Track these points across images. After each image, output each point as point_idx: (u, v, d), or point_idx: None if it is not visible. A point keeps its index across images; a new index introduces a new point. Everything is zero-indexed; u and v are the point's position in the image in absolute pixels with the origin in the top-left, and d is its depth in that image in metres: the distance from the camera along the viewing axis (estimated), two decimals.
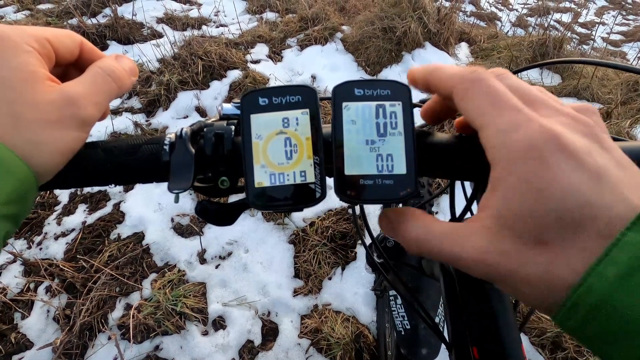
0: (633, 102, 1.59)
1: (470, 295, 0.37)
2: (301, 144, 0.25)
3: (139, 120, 1.94)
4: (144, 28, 2.60)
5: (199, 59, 2.07)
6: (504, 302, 0.36)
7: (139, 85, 2.11)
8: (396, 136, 0.25)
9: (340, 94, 0.26)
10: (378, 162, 0.25)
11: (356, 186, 0.25)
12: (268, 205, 0.25)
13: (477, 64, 2.11)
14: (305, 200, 0.25)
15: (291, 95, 0.26)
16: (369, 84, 0.26)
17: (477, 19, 3.21)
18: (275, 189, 0.25)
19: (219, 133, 0.27)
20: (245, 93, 0.26)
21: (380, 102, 0.26)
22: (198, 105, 1.97)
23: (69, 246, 1.43)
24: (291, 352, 1.14)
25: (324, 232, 1.41)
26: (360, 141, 0.25)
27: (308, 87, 0.26)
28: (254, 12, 2.88)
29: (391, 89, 0.26)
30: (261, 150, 0.25)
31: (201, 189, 0.29)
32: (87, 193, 1.63)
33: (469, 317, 0.37)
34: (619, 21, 3.92)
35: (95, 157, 0.27)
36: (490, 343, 0.35)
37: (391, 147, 0.25)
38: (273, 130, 0.25)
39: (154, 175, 0.28)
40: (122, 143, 0.28)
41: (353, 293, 1.25)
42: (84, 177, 0.28)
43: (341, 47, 2.34)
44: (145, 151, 0.28)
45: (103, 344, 1.15)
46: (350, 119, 0.25)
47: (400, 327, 0.67)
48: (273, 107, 0.26)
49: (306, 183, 0.25)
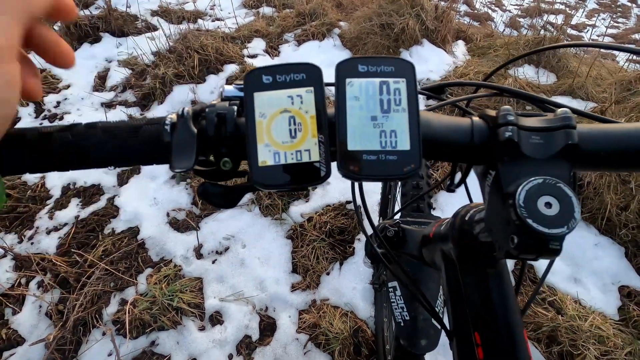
0: (627, 101, 1.61)
1: (472, 281, 0.37)
2: (305, 123, 0.25)
3: (133, 113, 1.91)
4: (138, 20, 2.56)
5: (195, 52, 2.05)
6: (505, 287, 0.36)
7: (133, 78, 2.08)
8: (400, 113, 0.25)
9: (344, 70, 0.26)
10: (382, 138, 0.25)
11: (359, 162, 0.24)
12: (272, 185, 0.24)
13: (474, 62, 2.12)
14: (310, 179, 0.24)
15: (295, 73, 0.25)
16: (372, 60, 0.26)
17: (471, 19, 3.23)
18: (279, 168, 0.24)
19: (221, 113, 0.26)
20: (249, 71, 0.26)
21: (384, 79, 0.25)
22: (194, 99, 1.95)
23: (61, 240, 1.40)
24: (289, 347, 1.14)
25: (322, 227, 1.40)
26: (363, 117, 0.25)
27: (312, 65, 0.26)
28: (251, 6, 2.85)
29: (395, 66, 0.26)
30: (265, 129, 0.25)
31: (203, 173, 0.28)
32: (80, 187, 1.60)
33: (471, 302, 0.36)
34: (609, 24, 3.99)
35: (95, 138, 0.27)
36: (492, 328, 0.35)
37: (395, 123, 0.25)
38: (277, 108, 0.25)
39: (155, 157, 0.27)
40: (122, 124, 0.27)
41: (351, 288, 1.25)
42: (83, 159, 0.27)
43: (339, 43, 2.34)
44: (146, 132, 0.27)
45: (97, 340, 1.13)
46: (353, 95, 0.25)
47: (399, 319, 0.67)
48: (277, 85, 0.25)
49: (311, 162, 0.24)
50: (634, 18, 4.47)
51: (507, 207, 0.24)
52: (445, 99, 0.38)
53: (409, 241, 0.56)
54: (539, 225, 0.22)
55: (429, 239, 0.46)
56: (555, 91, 1.92)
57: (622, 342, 1.10)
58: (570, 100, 1.84)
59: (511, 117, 0.26)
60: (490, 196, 0.28)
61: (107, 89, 2.08)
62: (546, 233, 0.22)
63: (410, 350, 0.63)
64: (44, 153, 0.26)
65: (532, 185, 0.23)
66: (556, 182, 0.23)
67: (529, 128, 0.26)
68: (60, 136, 0.26)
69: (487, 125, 0.28)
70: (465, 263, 0.37)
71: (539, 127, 0.26)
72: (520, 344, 0.33)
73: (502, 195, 0.25)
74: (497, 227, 0.27)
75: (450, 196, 1.49)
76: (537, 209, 0.23)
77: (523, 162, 0.26)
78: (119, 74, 2.13)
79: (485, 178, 0.28)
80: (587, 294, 1.24)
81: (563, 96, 1.87)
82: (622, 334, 1.14)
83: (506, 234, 0.25)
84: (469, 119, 0.28)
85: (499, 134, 0.26)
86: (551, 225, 0.22)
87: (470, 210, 0.36)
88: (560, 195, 0.23)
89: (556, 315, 1.16)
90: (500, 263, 0.36)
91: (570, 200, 0.23)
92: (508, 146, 0.26)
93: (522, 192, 0.23)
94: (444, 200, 1.49)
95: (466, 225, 0.35)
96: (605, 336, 1.10)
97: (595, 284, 1.27)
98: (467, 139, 0.27)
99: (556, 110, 0.27)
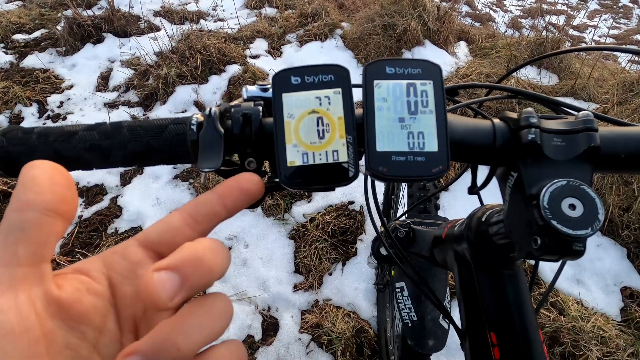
0: (629, 102, 1.62)
1: (487, 281, 0.37)
2: (333, 124, 0.25)
3: (136, 113, 1.92)
4: (141, 21, 2.57)
5: (198, 53, 2.05)
6: (521, 288, 0.36)
7: (136, 79, 2.08)
8: (427, 114, 0.25)
9: (372, 72, 0.26)
10: (409, 140, 0.25)
11: (388, 162, 0.24)
12: (301, 185, 0.25)
13: (476, 63, 2.13)
14: (338, 180, 0.25)
15: (324, 75, 0.25)
16: (400, 62, 0.26)
17: (472, 20, 3.23)
18: (308, 168, 0.25)
19: (247, 113, 0.27)
20: (277, 72, 0.26)
21: (411, 81, 0.26)
22: (197, 99, 1.95)
23: (65, 240, 1.40)
24: (292, 347, 1.14)
25: (325, 227, 1.40)
26: (391, 118, 0.25)
27: (340, 66, 0.26)
28: (253, 7, 2.85)
29: (422, 68, 0.26)
30: (293, 130, 0.25)
31: (226, 173, 0.28)
32: (83, 187, 1.60)
33: (486, 303, 0.37)
34: (610, 24, 3.99)
35: (120, 137, 0.27)
36: (509, 328, 0.35)
37: (422, 125, 0.25)
38: (305, 109, 0.25)
39: (179, 156, 0.28)
40: (147, 123, 0.28)
41: (354, 288, 1.26)
42: (107, 157, 0.27)
43: (341, 44, 2.34)
44: (172, 131, 0.27)
45: None
46: (381, 97, 0.25)
47: (407, 319, 0.67)
48: (305, 86, 0.25)
49: (339, 162, 0.25)
50: (635, 19, 4.46)
51: (530, 209, 0.24)
52: (459, 101, 0.38)
53: (419, 242, 0.57)
54: (564, 226, 0.23)
55: (441, 239, 0.46)
56: (557, 92, 1.92)
57: (624, 343, 1.10)
58: (572, 102, 1.84)
59: (534, 120, 0.27)
60: (512, 197, 0.28)
61: (109, 89, 2.09)
62: (571, 234, 0.22)
63: (418, 350, 0.63)
64: (68, 151, 0.26)
65: (556, 187, 0.24)
66: (580, 184, 0.24)
67: (551, 130, 0.27)
68: (85, 135, 0.26)
69: (508, 128, 0.28)
70: (480, 264, 0.37)
71: (561, 130, 0.27)
72: (537, 345, 0.34)
73: (524, 197, 0.26)
74: (518, 228, 0.27)
75: (453, 197, 1.50)
76: (561, 211, 0.23)
77: (545, 164, 0.26)
78: (122, 74, 2.13)
79: (506, 180, 0.29)
80: (590, 295, 1.24)
81: (565, 97, 1.87)
82: (625, 335, 1.14)
83: (528, 235, 0.25)
84: (490, 121, 0.29)
85: (521, 136, 0.26)
86: (576, 227, 0.23)
87: (486, 212, 0.36)
88: (584, 197, 0.23)
89: (558, 316, 1.16)
90: (516, 264, 0.36)
91: (594, 202, 0.23)
92: (531, 148, 0.26)
93: (546, 193, 0.24)
94: (446, 202, 1.49)
95: (482, 227, 0.35)
96: (607, 337, 1.11)
97: (598, 285, 1.28)
98: (489, 140, 0.28)
99: (578, 113, 0.28)
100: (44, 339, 0.15)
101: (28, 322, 0.14)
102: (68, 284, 0.16)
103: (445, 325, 0.64)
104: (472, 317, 0.38)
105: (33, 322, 0.15)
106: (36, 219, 0.15)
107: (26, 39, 2.41)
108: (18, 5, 2.76)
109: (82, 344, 0.16)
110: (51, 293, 0.16)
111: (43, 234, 0.15)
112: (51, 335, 0.15)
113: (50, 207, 0.16)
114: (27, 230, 0.15)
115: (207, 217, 0.19)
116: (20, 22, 2.51)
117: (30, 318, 0.14)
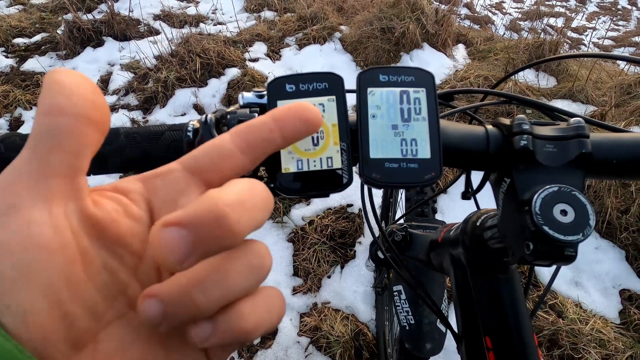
0: (626, 104, 1.62)
1: (482, 285, 0.37)
2: (327, 131, 0.25)
3: (135, 117, 1.92)
4: (141, 25, 2.58)
5: (197, 56, 2.06)
6: (516, 292, 0.36)
7: (135, 82, 2.09)
8: (420, 122, 0.26)
9: (365, 80, 0.26)
10: (402, 147, 0.25)
11: (382, 169, 0.25)
12: (295, 191, 0.25)
13: (474, 66, 2.13)
14: (332, 186, 0.25)
15: (318, 82, 0.26)
16: (393, 70, 0.27)
17: (471, 22, 3.25)
18: (303, 175, 0.25)
19: (242, 120, 0.27)
20: (272, 80, 0.26)
21: (404, 89, 0.26)
22: (196, 102, 1.96)
23: None
24: (290, 350, 1.14)
25: (323, 230, 1.41)
26: (384, 126, 0.26)
27: (334, 74, 0.26)
28: (252, 10, 2.87)
29: (415, 75, 0.26)
30: None
31: None
32: None
33: (481, 307, 0.37)
34: (609, 27, 4.00)
35: (117, 143, 0.27)
36: (504, 332, 0.35)
37: (415, 132, 0.26)
38: None
39: None
40: (144, 129, 0.28)
41: (352, 291, 1.26)
42: (104, 164, 0.27)
43: (340, 47, 2.35)
44: (168, 138, 0.28)
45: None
46: (375, 105, 0.26)
47: (404, 322, 0.67)
48: (300, 93, 0.26)
49: (333, 169, 0.25)
50: (634, 21, 4.48)
51: (522, 214, 0.25)
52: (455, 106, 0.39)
53: (416, 245, 0.57)
54: (555, 232, 0.23)
55: (438, 243, 0.46)
56: (555, 95, 1.92)
57: (623, 345, 1.10)
58: (570, 104, 1.85)
59: (526, 126, 0.27)
60: (505, 203, 0.28)
61: (109, 92, 2.10)
62: (562, 240, 0.23)
63: (415, 353, 0.63)
64: None
65: (547, 193, 0.24)
66: (571, 190, 0.24)
67: (544, 137, 0.27)
68: None
69: (501, 134, 0.28)
70: (475, 268, 0.38)
71: (553, 136, 0.27)
72: (531, 349, 0.34)
73: (517, 202, 0.26)
74: (511, 234, 0.28)
75: (451, 200, 1.50)
76: (553, 216, 0.23)
77: (538, 170, 0.26)
78: (122, 78, 2.14)
79: (499, 185, 0.29)
80: (588, 298, 1.24)
81: (563, 100, 1.88)
82: (623, 337, 1.14)
83: (521, 241, 0.25)
84: (483, 127, 0.29)
85: (514, 142, 0.27)
86: (567, 232, 0.23)
87: (481, 216, 0.36)
88: (575, 203, 0.24)
89: (557, 318, 1.16)
90: (510, 268, 0.36)
91: (585, 208, 0.23)
92: (523, 154, 0.26)
93: (538, 199, 0.24)
94: (444, 204, 1.49)
95: (477, 231, 0.35)
96: (606, 340, 1.11)
97: (596, 288, 1.28)
98: (482, 146, 0.28)
99: (569, 120, 0.28)
100: (81, 258, 0.13)
101: (64, 238, 0.13)
102: (106, 203, 0.15)
103: (442, 329, 0.64)
104: (468, 321, 0.39)
105: (69, 239, 0.13)
106: (69, 125, 0.14)
107: (26, 43, 2.42)
108: (19, 9, 2.78)
109: (120, 268, 0.15)
110: (87, 210, 0.14)
111: (77, 142, 0.14)
112: (88, 255, 0.14)
113: (83, 113, 0.14)
114: (60, 137, 0.13)
115: (263, 143, 0.17)
116: (20, 26, 2.52)
117: (66, 234, 0.13)
